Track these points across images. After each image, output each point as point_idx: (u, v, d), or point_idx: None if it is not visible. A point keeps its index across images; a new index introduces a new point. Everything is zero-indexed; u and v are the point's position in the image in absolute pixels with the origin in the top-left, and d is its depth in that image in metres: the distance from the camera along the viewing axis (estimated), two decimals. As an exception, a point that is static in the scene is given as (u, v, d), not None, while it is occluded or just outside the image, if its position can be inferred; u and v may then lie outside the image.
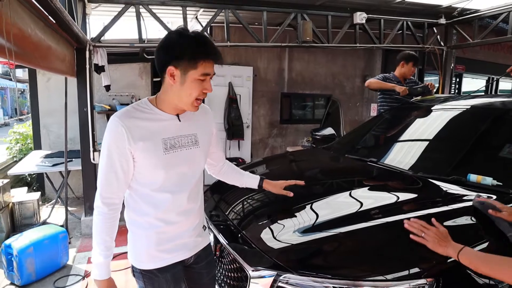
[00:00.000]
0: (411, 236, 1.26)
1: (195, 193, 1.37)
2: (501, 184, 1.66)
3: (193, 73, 1.15)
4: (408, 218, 1.43)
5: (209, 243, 1.53)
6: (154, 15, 3.86)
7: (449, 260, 1.19)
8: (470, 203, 1.53)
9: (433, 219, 1.31)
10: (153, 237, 1.28)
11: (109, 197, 1.21)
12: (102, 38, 3.85)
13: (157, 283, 1.32)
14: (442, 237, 1.20)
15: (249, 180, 1.67)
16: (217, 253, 1.72)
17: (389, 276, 1.18)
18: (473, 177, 1.73)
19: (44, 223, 3.93)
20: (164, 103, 1.25)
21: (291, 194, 1.62)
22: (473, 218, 1.46)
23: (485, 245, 1.29)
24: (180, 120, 1.29)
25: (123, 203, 1.31)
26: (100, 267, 1.24)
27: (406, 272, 1.18)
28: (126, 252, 1.36)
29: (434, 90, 3.32)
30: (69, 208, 4.21)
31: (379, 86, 3.42)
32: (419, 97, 3.16)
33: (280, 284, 1.28)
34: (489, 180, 1.68)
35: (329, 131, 3.51)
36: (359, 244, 1.39)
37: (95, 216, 1.22)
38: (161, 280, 1.32)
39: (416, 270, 1.19)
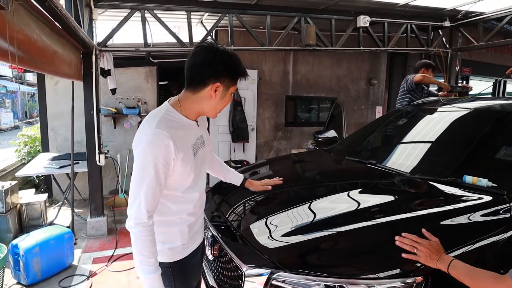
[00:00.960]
0: (403, 254, 1.23)
1: (204, 186, 1.50)
2: (496, 185, 1.66)
3: (232, 89, 1.31)
4: (405, 219, 1.45)
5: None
6: (159, 20, 3.94)
7: None
8: (465, 204, 1.54)
9: (423, 230, 1.31)
10: (186, 229, 1.39)
11: (153, 210, 1.22)
12: (108, 43, 3.93)
13: (186, 269, 1.43)
14: (434, 250, 1.20)
15: (234, 177, 1.90)
16: (215, 253, 1.75)
17: (381, 274, 1.20)
18: (468, 179, 1.74)
19: (51, 224, 4.00)
20: (190, 111, 1.31)
21: (269, 188, 1.90)
22: (470, 218, 1.47)
23: (479, 244, 1.30)
24: (198, 125, 1.40)
25: None
26: (155, 283, 1.22)
27: (397, 270, 1.20)
28: (128, 253, 1.40)
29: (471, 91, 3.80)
30: (76, 210, 4.28)
31: (430, 81, 3.81)
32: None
33: (274, 282, 1.31)
34: (484, 182, 1.68)
35: (331, 133, 3.52)
36: (353, 243, 1.41)
37: (139, 233, 1.18)
38: (188, 266, 1.43)
39: (407, 268, 1.21)
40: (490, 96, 7.88)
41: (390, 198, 1.77)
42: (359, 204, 1.69)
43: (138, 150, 1.19)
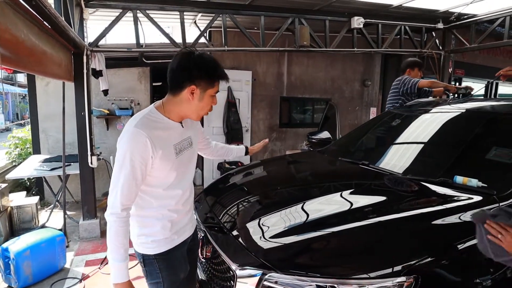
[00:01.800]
0: (488, 236, 1.20)
1: (191, 184, 1.57)
2: (486, 185, 1.67)
3: (210, 91, 1.35)
4: (396, 219, 1.44)
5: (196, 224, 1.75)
6: (151, 20, 3.90)
7: (427, 260, 1.21)
8: (457, 203, 1.54)
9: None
10: (168, 224, 1.44)
11: (128, 203, 1.31)
12: (100, 43, 3.89)
13: (170, 262, 1.47)
14: None
15: (238, 153, 2.04)
16: (208, 254, 1.73)
17: (372, 274, 1.20)
18: (459, 179, 1.75)
19: (43, 227, 3.94)
20: (173, 113, 1.39)
21: (267, 140, 2.23)
22: (461, 217, 1.47)
23: (470, 243, 1.30)
24: (183, 127, 1.45)
25: None
26: (121, 270, 1.32)
27: (389, 270, 1.20)
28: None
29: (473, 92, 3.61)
30: (68, 212, 4.23)
31: (439, 86, 3.66)
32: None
33: (266, 283, 1.30)
34: (474, 182, 1.69)
35: (325, 134, 3.53)
36: (345, 243, 1.41)
37: (113, 222, 1.28)
38: (173, 258, 1.48)
39: (398, 268, 1.20)
40: (482, 97, 7.96)
41: (382, 198, 1.76)
42: (351, 204, 1.69)
43: (119, 146, 1.30)
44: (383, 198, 1.75)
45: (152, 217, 1.43)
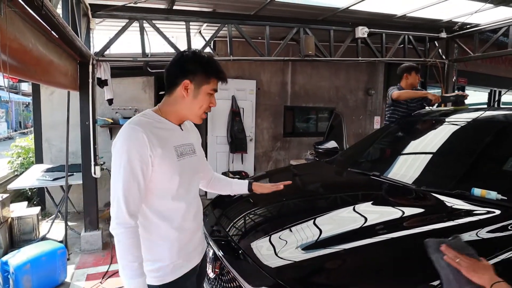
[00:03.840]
0: (445, 257, 1.07)
1: (198, 198, 1.44)
2: (505, 198, 1.61)
3: (206, 87, 1.28)
4: (412, 234, 1.39)
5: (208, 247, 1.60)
6: (157, 30, 3.91)
7: None
8: (476, 218, 1.49)
9: None
10: (175, 246, 1.31)
11: (134, 209, 1.18)
12: (105, 52, 3.89)
13: None
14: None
15: (239, 187, 1.75)
16: (217, 270, 1.67)
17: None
18: (477, 191, 1.69)
19: (44, 238, 3.88)
20: (170, 114, 1.32)
21: (281, 187, 1.71)
22: (479, 234, 1.41)
23: (491, 262, 1.23)
24: (182, 129, 1.37)
25: None
26: (141, 287, 1.16)
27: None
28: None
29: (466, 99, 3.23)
30: (69, 223, 4.16)
31: (410, 96, 3.27)
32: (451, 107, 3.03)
33: (281, 303, 1.23)
34: (493, 194, 1.63)
35: (331, 144, 3.47)
36: (361, 261, 1.34)
37: (121, 235, 1.15)
38: None
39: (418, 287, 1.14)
40: (489, 107, 7.94)
41: (398, 212, 1.70)
42: (365, 219, 1.62)
43: (114, 150, 1.21)
44: (399, 212, 1.69)
45: (157, 238, 1.29)
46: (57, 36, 2.46)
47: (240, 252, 1.57)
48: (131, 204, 1.17)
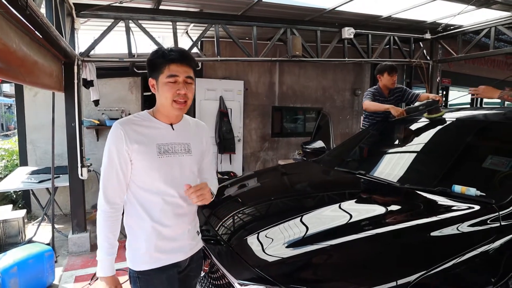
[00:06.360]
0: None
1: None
2: (484, 194, 1.67)
3: (162, 77, 1.34)
4: (395, 230, 1.43)
5: (202, 247, 1.59)
6: (144, 30, 3.88)
7: (433, 272, 1.19)
8: (456, 213, 1.54)
9: None
10: (153, 238, 1.37)
11: (111, 196, 1.34)
12: (91, 53, 3.84)
13: (152, 285, 1.39)
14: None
15: None
16: (206, 268, 1.69)
17: (377, 288, 1.17)
18: (457, 188, 1.76)
19: (30, 241, 3.80)
20: (158, 113, 1.42)
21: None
22: (459, 228, 1.46)
23: (471, 254, 1.29)
24: (173, 129, 1.42)
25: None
26: (105, 264, 1.35)
27: (393, 284, 1.17)
28: (122, 269, 1.38)
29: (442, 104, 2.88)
30: (56, 226, 4.10)
31: (375, 109, 3.29)
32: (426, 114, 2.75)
33: (268, 299, 1.25)
34: (473, 191, 1.70)
35: (319, 144, 3.52)
36: (347, 257, 1.38)
37: (98, 215, 1.35)
38: (155, 281, 1.39)
39: (403, 281, 1.18)
40: (475, 107, 8.16)
41: (382, 209, 1.76)
42: (351, 216, 1.67)
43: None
44: (383, 209, 1.74)
45: (137, 227, 1.39)
46: (41, 36, 2.42)
47: (229, 249, 1.60)
48: (109, 192, 1.34)
